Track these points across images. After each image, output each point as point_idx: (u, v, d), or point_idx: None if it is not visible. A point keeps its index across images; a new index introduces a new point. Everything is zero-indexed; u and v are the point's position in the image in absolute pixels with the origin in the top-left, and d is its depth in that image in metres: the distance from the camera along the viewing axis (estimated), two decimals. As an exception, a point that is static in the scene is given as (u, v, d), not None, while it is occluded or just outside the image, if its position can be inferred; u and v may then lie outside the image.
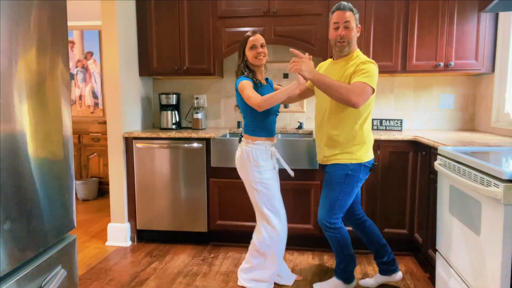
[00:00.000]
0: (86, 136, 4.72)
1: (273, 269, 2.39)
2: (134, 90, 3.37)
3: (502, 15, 2.89)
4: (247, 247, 2.93)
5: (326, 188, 2.26)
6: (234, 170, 3.00)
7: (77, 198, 4.53)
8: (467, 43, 2.98)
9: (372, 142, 2.28)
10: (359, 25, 2.21)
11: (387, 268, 2.42)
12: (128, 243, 3.20)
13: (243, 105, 2.30)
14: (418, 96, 3.43)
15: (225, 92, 3.68)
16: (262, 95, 2.21)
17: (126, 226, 3.20)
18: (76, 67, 4.82)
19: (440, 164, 2.14)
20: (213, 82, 3.68)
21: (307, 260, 2.89)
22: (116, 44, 3.06)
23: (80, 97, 4.85)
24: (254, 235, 2.42)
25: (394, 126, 3.30)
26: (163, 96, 3.50)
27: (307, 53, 2.12)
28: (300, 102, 3.57)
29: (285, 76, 3.56)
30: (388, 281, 2.45)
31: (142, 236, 3.27)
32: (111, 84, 3.11)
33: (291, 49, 2.16)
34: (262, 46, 2.28)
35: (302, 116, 3.60)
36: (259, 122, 2.30)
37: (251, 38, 2.28)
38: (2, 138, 1.09)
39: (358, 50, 2.23)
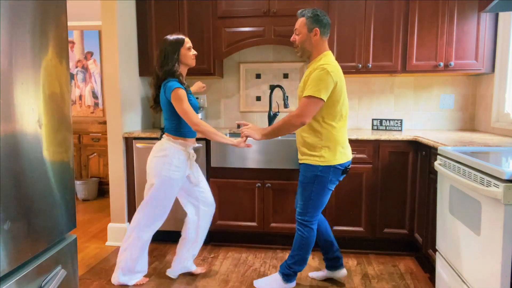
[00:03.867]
0: (86, 136, 4.72)
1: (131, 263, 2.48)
2: (134, 90, 3.37)
3: (502, 15, 2.89)
4: (248, 247, 2.94)
5: (300, 188, 2.32)
6: (234, 170, 3.01)
7: (77, 198, 4.53)
8: (467, 43, 2.98)
9: (345, 143, 2.26)
10: (315, 29, 2.18)
11: (331, 264, 2.50)
12: (128, 243, 3.20)
13: (167, 108, 2.34)
14: (418, 96, 3.43)
15: (225, 92, 3.68)
16: (193, 101, 2.35)
17: (126, 226, 3.19)
18: (76, 67, 4.82)
19: (440, 164, 2.14)
20: (213, 82, 3.68)
21: (307, 260, 2.89)
22: (116, 44, 3.06)
23: (80, 97, 4.85)
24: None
25: (394, 126, 3.30)
26: (163, 96, 3.50)
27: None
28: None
29: (285, 76, 3.56)
30: (332, 276, 2.53)
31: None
32: (111, 84, 3.11)
33: (237, 122, 2.40)
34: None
35: (302, 116, 3.59)
36: (183, 124, 2.35)
37: (187, 39, 2.36)
38: (2, 138, 1.09)
39: (327, 52, 2.23)
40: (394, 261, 2.85)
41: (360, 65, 3.10)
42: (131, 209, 3.20)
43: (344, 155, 2.24)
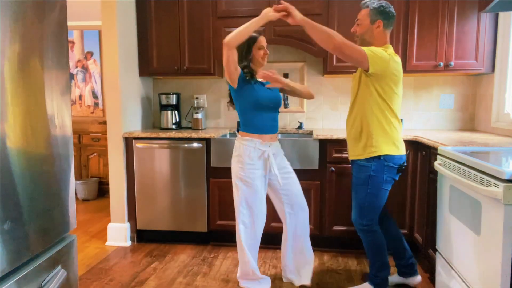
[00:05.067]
0: (86, 136, 4.72)
1: (243, 267, 2.39)
2: (134, 90, 3.37)
3: (502, 15, 2.89)
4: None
5: (352, 190, 2.25)
6: (234, 170, 3.01)
7: (77, 198, 4.53)
8: (467, 43, 2.98)
9: (398, 138, 2.16)
10: (379, 20, 2.12)
11: (404, 271, 2.42)
12: (128, 243, 3.20)
13: (235, 101, 2.34)
14: (418, 96, 3.43)
15: (225, 92, 3.67)
16: (260, 93, 2.27)
17: (126, 226, 3.20)
18: (76, 67, 4.82)
19: (440, 164, 2.14)
20: (213, 82, 3.68)
21: (307, 260, 2.89)
22: (116, 44, 3.06)
23: (80, 97, 4.86)
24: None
25: (394, 126, 3.29)
26: (163, 96, 3.50)
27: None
28: (300, 102, 3.57)
29: (285, 76, 3.55)
30: (406, 283, 2.44)
31: (142, 236, 3.27)
32: (111, 84, 3.11)
33: (281, 1, 2.10)
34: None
35: (302, 116, 3.60)
36: (249, 118, 2.31)
37: (260, 38, 2.31)
38: (2, 138, 1.09)
39: (386, 46, 2.14)
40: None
41: (360, 65, 3.10)
42: (131, 209, 3.20)
43: (398, 149, 2.14)
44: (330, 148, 2.91)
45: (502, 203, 1.50)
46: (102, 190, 4.72)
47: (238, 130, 2.41)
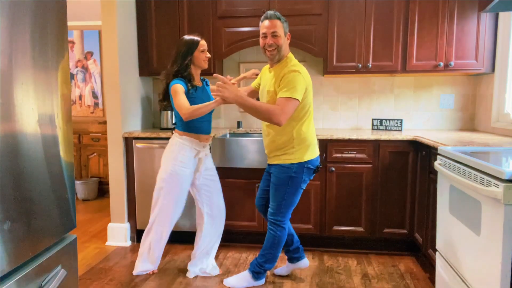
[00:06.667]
0: (86, 136, 4.72)
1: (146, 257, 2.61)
2: (134, 90, 3.37)
3: (502, 15, 2.89)
4: (247, 247, 2.93)
5: (272, 189, 2.35)
6: (234, 170, 3.01)
7: (77, 198, 4.53)
8: (467, 43, 2.98)
9: (314, 142, 2.32)
10: (288, 33, 2.28)
11: (292, 256, 2.54)
12: (128, 243, 3.20)
13: (173, 104, 2.40)
14: (418, 96, 3.43)
15: (225, 92, 3.67)
16: (196, 99, 2.36)
17: (126, 226, 3.20)
18: (76, 67, 4.82)
19: (440, 164, 2.14)
20: (213, 82, 3.67)
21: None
22: (116, 44, 3.06)
23: (80, 97, 4.85)
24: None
25: (394, 126, 3.30)
26: (163, 96, 3.50)
27: (228, 76, 2.33)
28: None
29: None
30: (297, 267, 2.57)
31: (142, 236, 3.26)
32: (111, 84, 3.11)
33: (214, 74, 2.23)
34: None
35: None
36: (187, 120, 2.37)
37: (202, 42, 2.41)
38: (2, 138, 1.09)
39: (290, 54, 2.30)
40: (394, 261, 2.85)
41: (360, 65, 3.10)
42: (131, 209, 3.20)
43: (313, 153, 2.30)
44: (330, 148, 2.91)
45: (502, 203, 1.50)
46: (102, 190, 4.72)
47: (173, 128, 2.47)
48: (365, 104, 3.50)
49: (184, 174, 2.41)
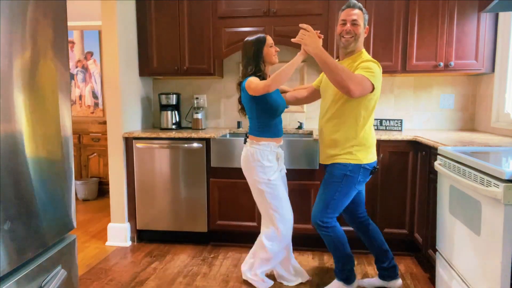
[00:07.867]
0: (86, 136, 4.72)
1: (269, 267, 2.45)
2: (134, 90, 3.37)
3: (502, 15, 2.89)
4: (247, 247, 2.92)
5: (323, 187, 2.25)
6: (234, 170, 3.01)
7: (77, 198, 4.53)
8: (467, 43, 2.98)
9: (374, 144, 2.25)
10: (367, 26, 2.21)
11: (386, 274, 2.41)
12: (128, 243, 3.20)
13: (249, 106, 2.31)
14: (418, 96, 3.43)
15: (225, 92, 3.68)
16: (278, 99, 2.29)
17: (126, 226, 3.20)
18: (76, 67, 4.82)
19: (440, 164, 2.14)
20: (213, 82, 3.68)
21: (307, 260, 2.89)
22: (116, 44, 3.06)
23: (80, 97, 4.86)
24: (262, 234, 2.44)
25: (394, 126, 3.30)
26: (163, 96, 3.50)
27: (318, 31, 2.10)
28: (300, 102, 3.57)
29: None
30: (387, 286, 2.43)
31: (142, 236, 3.27)
32: (111, 84, 3.11)
33: (300, 24, 2.09)
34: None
35: (302, 116, 3.60)
36: (265, 123, 2.31)
37: (268, 37, 2.34)
38: (2, 138, 1.09)
39: (364, 50, 2.23)
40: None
41: (360, 65, 3.10)
42: (131, 209, 3.20)
43: (373, 155, 2.23)
44: (330, 148, 2.91)
45: (502, 203, 1.50)
46: (102, 190, 4.72)
47: (247, 135, 2.39)
48: (365, 104, 3.49)
49: (277, 178, 2.32)
